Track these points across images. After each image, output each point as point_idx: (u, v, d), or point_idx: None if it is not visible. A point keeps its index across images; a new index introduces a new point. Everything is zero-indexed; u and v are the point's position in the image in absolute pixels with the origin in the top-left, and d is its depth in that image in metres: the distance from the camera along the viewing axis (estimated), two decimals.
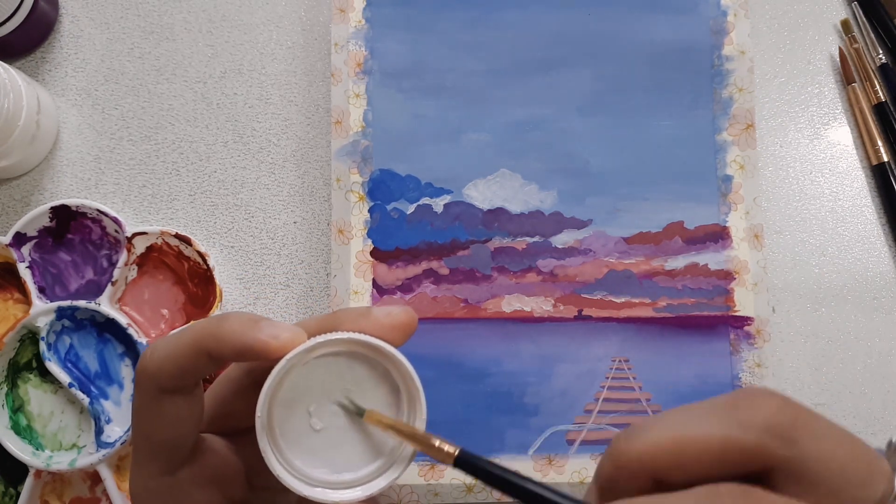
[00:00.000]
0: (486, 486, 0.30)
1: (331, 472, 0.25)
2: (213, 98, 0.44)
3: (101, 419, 0.41)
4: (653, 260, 0.41)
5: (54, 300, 0.41)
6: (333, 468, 0.25)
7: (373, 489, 0.25)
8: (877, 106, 0.46)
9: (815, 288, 0.44)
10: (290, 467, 0.25)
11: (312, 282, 0.43)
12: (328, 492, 0.25)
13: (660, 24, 0.43)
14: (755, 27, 0.47)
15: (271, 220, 0.44)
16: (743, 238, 0.41)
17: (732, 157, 0.42)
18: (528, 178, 0.41)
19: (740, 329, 0.41)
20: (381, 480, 0.25)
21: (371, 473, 0.25)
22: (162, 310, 0.43)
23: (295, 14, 0.45)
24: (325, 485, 0.25)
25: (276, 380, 0.24)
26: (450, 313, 0.40)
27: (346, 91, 0.41)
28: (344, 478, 0.25)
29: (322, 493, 0.24)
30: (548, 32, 0.42)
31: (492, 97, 0.42)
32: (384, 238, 0.40)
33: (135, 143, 0.44)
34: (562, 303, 0.41)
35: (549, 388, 0.40)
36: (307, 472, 0.25)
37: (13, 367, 0.42)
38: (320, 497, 0.24)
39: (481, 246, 0.41)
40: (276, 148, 0.44)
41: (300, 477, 0.25)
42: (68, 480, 0.41)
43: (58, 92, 0.44)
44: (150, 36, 0.45)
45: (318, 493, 0.24)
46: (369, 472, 0.25)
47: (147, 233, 0.41)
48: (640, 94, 0.42)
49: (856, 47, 0.46)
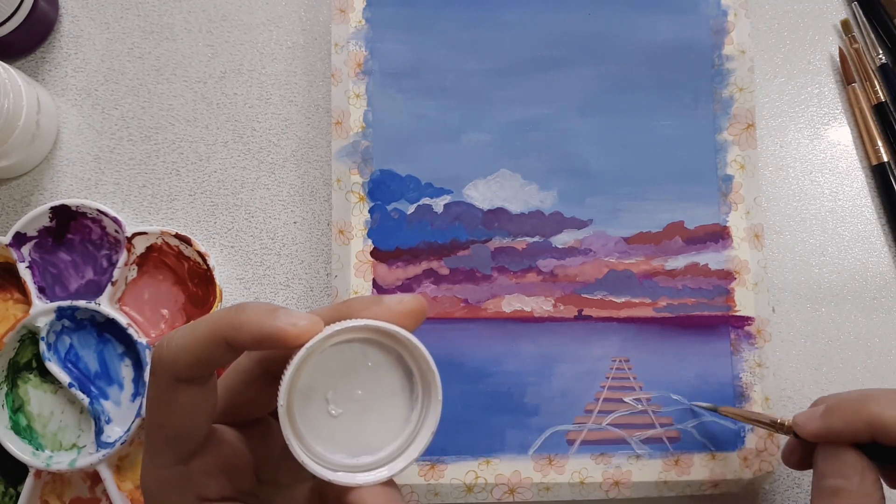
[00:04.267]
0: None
1: (350, 456, 0.26)
2: (213, 98, 0.44)
3: (101, 419, 0.41)
4: (653, 260, 0.41)
5: (54, 300, 0.41)
6: (352, 452, 0.26)
7: (393, 470, 0.25)
8: (877, 106, 0.46)
9: (815, 288, 0.44)
10: (311, 454, 0.25)
11: (312, 282, 0.43)
12: (350, 475, 0.25)
13: (660, 24, 0.43)
14: (755, 27, 0.47)
15: (271, 220, 0.44)
16: (743, 238, 0.41)
17: (733, 157, 0.42)
18: (528, 178, 0.41)
19: (741, 329, 0.41)
20: (400, 462, 0.26)
21: (389, 455, 0.26)
22: (162, 310, 0.43)
23: (295, 14, 0.45)
24: (346, 469, 0.25)
25: (295, 369, 0.24)
26: (450, 313, 0.40)
27: (346, 91, 0.41)
28: (363, 461, 0.26)
29: (345, 477, 0.25)
30: (548, 32, 0.42)
31: (492, 97, 0.42)
32: (384, 238, 0.40)
33: (135, 143, 0.44)
34: (562, 303, 0.41)
35: (549, 388, 0.40)
36: (328, 458, 0.25)
37: (13, 367, 0.42)
38: (343, 480, 0.25)
39: (481, 246, 0.41)
40: (276, 148, 0.44)
41: (322, 463, 0.25)
42: (68, 480, 0.41)
43: (58, 92, 0.44)
44: (150, 36, 0.45)
45: (341, 476, 0.25)
46: (388, 454, 0.26)
47: (147, 233, 0.41)
48: (641, 94, 0.42)
49: (856, 47, 0.46)
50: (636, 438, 0.40)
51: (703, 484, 0.40)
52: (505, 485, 0.39)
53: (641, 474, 0.39)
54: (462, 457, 0.39)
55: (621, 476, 0.39)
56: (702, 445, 0.40)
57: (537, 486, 0.39)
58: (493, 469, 0.39)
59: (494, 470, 0.39)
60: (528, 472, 0.39)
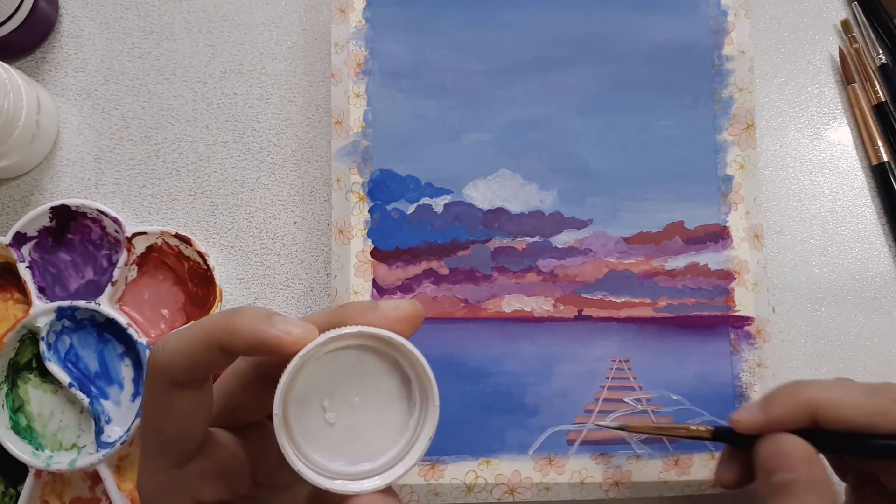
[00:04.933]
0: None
1: (348, 463, 0.25)
2: (213, 98, 0.44)
3: (101, 419, 0.41)
4: (653, 260, 0.41)
5: (54, 300, 0.41)
6: (350, 460, 0.25)
7: (391, 477, 0.25)
8: (877, 106, 0.46)
9: (815, 288, 0.44)
10: (308, 462, 0.25)
11: (312, 282, 0.43)
12: (348, 483, 0.25)
13: (660, 24, 0.43)
14: (755, 27, 0.47)
15: (271, 220, 0.44)
16: (743, 238, 0.41)
17: (732, 157, 0.42)
18: (528, 178, 0.41)
19: (740, 329, 0.41)
20: (399, 468, 0.25)
21: (388, 462, 0.26)
22: (162, 310, 0.43)
23: (295, 14, 0.45)
24: (345, 476, 0.25)
25: (290, 376, 0.24)
26: (450, 313, 0.40)
27: (346, 91, 0.41)
28: (362, 468, 0.25)
29: (342, 485, 0.25)
30: (548, 32, 0.42)
31: (492, 97, 0.42)
32: (384, 238, 0.40)
33: (135, 143, 0.44)
34: (562, 303, 0.41)
35: (549, 388, 0.40)
36: (325, 466, 0.25)
37: (13, 367, 0.42)
38: (340, 489, 0.25)
39: (481, 246, 0.41)
40: (276, 148, 0.44)
41: (319, 471, 0.25)
42: (68, 480, 0.41)
43: (58, 92, 0.44)
44: (150, 36, 0.45)
45: (339, 485, 0.25)
46: (386, 461, 0.26)
47: (147, 233, 0.41)
48: (640, 94, 0.42)
49: (856, 47, 0.46)
50: (636, 438, 0.40)
51: (702, 484, 0.40)
52: (505, 485, 0.39)
53: (641, 474, 0.39)
54: (462, 457, 0.39)
55: (621, 476, 0.39)
56: (701, 445, 0.40)
57: (537, 486, 0.39)
58: (493, 469, 0.39)
59: (494, 470, 0.39)
60: (528, 472, 0.39)
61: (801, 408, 0.31)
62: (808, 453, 0.30)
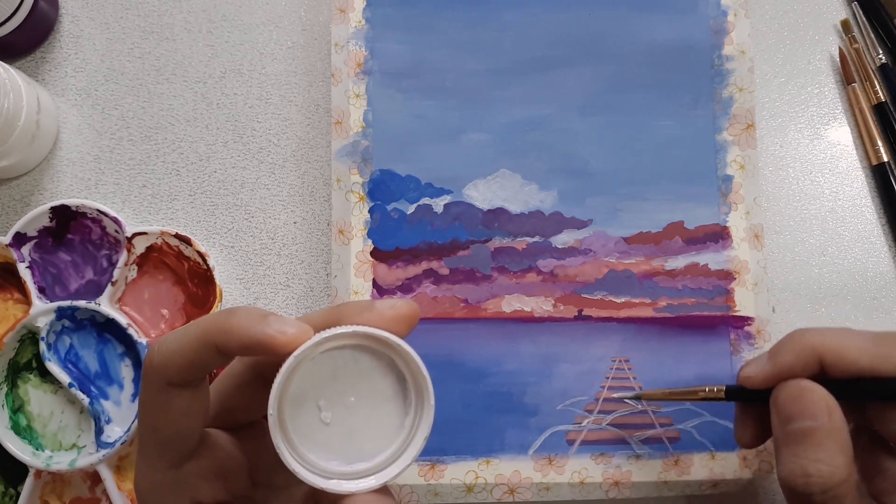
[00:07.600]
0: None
1: (344, 463, 0.25)
2: (213, 98, 0.44)
3: (101, 419, 0.41)
4: (653, 260, 0.41)
5: (54, 300, 0.41)
6: (346, 459, 0.25)
7: (387, 476, 0.25)
8: (877, 106, 0.46)
9: (815, 288, 0.44)
10: (304, 462, 0.25)
11: (312, 282, 0.43)
12: (343, 483, 0.25)
13: (660, 24, 0.43)
14: (755, 27, 0.47)
15: (271, 220, 0.44)
16: (743, 238, 0.41)
17: (732, 157, 0.42)
18: (528, 178, 0.41)
19: (740, 329, 0.41)
20: (395, 467, 0.25)
21: (384, 461, 0.26)
22: (162, 310, 0.43)
23: (295, 14, 0.45)
24: (340, 476, 0.25)
25: (285, 376, 0.24)
26: (450, 313, 0.40)
27: (346, 91, 0.41)
28: (357, 468, 0.25)
29: (337, 485, 0.25)
30: (548, 32, 0.42)
31: (492, 97, 0.42)
32: (384, 238, 0.40)
33: (135, 143, 0.44)
34: (562, 303, 0.41)
35: (549, 388, 0.40)
36: (321, 465, 0.25)
37: (13, 367, 0.42)
38: (336, 489, 0.25)
39: (481, 246, 0.41)
40: (276, 148, 0.44)
41: (315, 470, 0.25)
42: (68, 480, 0.41)
43: (58, 92, 0.44)
44: (150, 36, 0.45)
45: (334, 484, 0.25)
46: (382, 461, 0.26)
47: (147, 233, 0.41)
48: (640, 94, 0.42)
49: (856, 47, 0.46)
50: (636, 438, 0.40)
51: (702, 484, 0.40)
52: (505, 485, 0.39)
53: (641, 474, 0.39)
54: (462, 457, 0.39)
55: (621, 476, 0.39)
56: (701, 445, 0.40)
57: (537, 486, 0.39)
58: (493, 469, 0.39)
59: (494, 470, 0.39)
60: (528, 472, 0.39)
61: (809, 353, 0.31)
62: (828, 400, 0.30)
